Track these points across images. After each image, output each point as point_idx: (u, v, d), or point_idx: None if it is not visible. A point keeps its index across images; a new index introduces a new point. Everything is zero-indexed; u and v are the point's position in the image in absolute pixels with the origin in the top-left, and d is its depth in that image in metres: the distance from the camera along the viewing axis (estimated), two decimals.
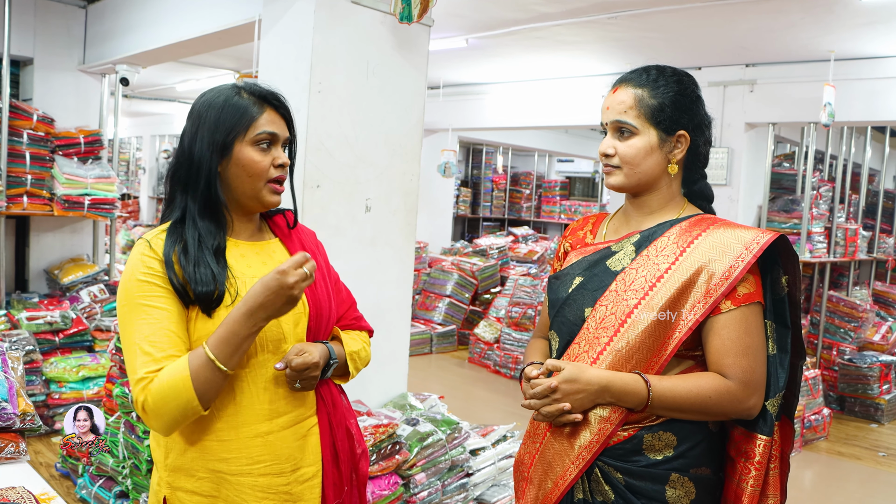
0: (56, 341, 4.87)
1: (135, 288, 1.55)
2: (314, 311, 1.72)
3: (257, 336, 1.57)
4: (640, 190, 1.69)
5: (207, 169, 1.61)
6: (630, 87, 1.65)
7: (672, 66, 1.70)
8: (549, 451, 1.66)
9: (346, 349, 1.80)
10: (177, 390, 1.47)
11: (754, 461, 1.55)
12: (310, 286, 1.70)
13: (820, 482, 5.03)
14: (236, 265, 1.65)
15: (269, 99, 1.68)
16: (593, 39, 5.76)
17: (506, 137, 11.30)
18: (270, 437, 1.63)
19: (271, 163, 1.65)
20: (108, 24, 5.45)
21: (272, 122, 1.66)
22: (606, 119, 1.68)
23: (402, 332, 3.71)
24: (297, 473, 1.68)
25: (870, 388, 6.30)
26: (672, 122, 1.63)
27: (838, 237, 6.87)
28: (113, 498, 3.52)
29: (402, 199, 3.59)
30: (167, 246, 1.59)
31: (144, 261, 1.56)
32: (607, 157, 1.68)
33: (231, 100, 1.64)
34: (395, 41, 3.46)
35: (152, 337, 1.52)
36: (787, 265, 1.61)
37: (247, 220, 1.73)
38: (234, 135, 1.61)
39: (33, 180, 5.05)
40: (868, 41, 5.17)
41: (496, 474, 3.55)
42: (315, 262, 1.77)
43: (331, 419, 1.75)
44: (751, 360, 1.54)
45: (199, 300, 1.56)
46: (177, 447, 1.63)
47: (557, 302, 1.73)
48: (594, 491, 1.60)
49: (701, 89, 1.72)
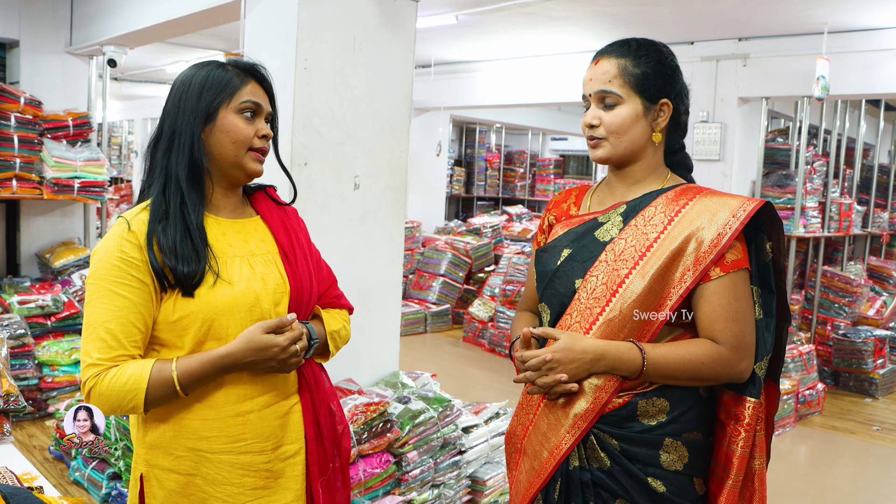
0: (48, 325, 4.85)
1: (106, 270, 1.54)
2: (295, 291, 1.71)
3: (240, 316, 1.60)
4: (625, 161, 1.69)
5: (190, 133, 1.60)
6: (612, 57, 1.67)
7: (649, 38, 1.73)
8: (543, 421, 1.67)
9: (327, 328, 1.79)
10: (128, 393, 1.50)
11: (744, 423, 1.58)
12: (290, 264, 1.72)
13: (814, 456, 5.06)
14: (217, 244, 1.64)
15: (253, 72, 1.69)
16: (584, 15, 5.71)
17: (499, 116, 11.26)
18: (251, 417, 1.63)
19: (255, 132, 1.66)
20: (95, 5, 5.39)
21: (255, 94, 1.67)
22: (589, 90, 1.69)
23: (392, 309, 3.70)
24: (279, 451, 1.67)
25: (864, 362, 6.32)
26: (656, 90, 1.65)
27: (832, 212, 6.86)
28: (106, 479, 3.53)
29: (391, 176, 3.57)
30: (149, 226, 1.57)
31: (121, 244, 1.55)
32: (592, 129, 1.69)
33: (215, 71, 1.65)
34: (382, 17, 3.43)
35: (110, 324, 1.52)
36: (771, 232, 1.64)
37: (229, 193, 1.72)
38: (218, 101, 1.62)
39: (22, 164, 5.01)
40: (862, 13, 5.13)
41: (489, 452, 3.55)
42: (297, 239, 1.77)
43: (313, 398, 1.75)
44: (741, 325, 1.57)
45: (179, 282, 1.55)
46: (155, 425, 1.62)
47: (547, 275, 1.73)
48: (590, 458, 1.61)
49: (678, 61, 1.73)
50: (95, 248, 1.59)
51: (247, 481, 1.63)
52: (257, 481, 1.64)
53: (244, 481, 1.62)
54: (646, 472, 1.57)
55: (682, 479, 1.59)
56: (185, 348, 1.58)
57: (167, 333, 1.58)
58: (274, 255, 1.72)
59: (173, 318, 1.56)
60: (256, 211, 1.79)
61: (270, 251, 1.72)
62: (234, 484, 1.61)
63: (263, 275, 1.66)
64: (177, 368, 1.52)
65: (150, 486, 1.62)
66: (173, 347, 1.59)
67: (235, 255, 1.65)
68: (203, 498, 1.61)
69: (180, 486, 1.61)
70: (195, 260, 1.55)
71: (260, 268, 1.67)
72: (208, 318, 1.57)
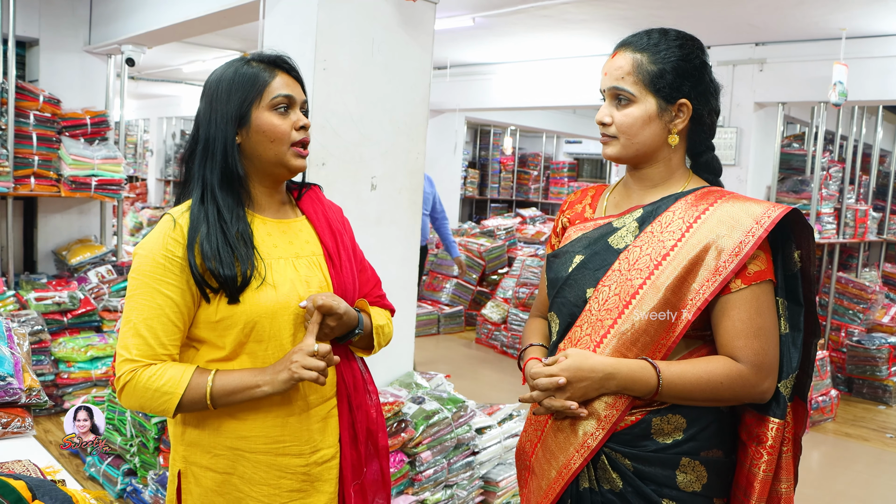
0: (64, 321, 4.89)
1: (150, 267, 1.53)
2: (338, 293, 1.68)
3: (282, 320, 1.58)
4: (638, 161, 1.60)
5: (223, 140, 1.57)
6: (629, 51, 1.56)
7: (677, 29, 1.61)
8: (551, 439, 1.59)
9: (374, 322, 1.77)
10: (163, 395, 1.50)
11: (766, 445, 1.48)
12: (335, 266, 1.69)
13: (827, 463, 5.03)
14: (262, 245, 1.61)
15: (279, 63, 1.65)
16: (601, 18, 5.71)
17: (513, 118, 11.25)
18: (291, 420, 1.62)
19: (292, 126, 1.62)
20: (114, 5, 5.44)
21: (286, 86, 1.63)
22: (604, 85, 1.60)
23: (408, 310, 3.71)
24: (317, 455, 1.66)
25: (878, 369, 6.29)
26: (673, 89, 1.53)
27: (848, 218, 6.83)
28: (121, 476, 3.55)
29: (408, 177, 3.58)
30: (191, 226, 1.55)
31: (167, 243, 1.53)
32: (604, 126, 1.59)
33: (240, 70, 1.61)
34: (401, 18, 3.44)
35: (152, 322, 1.51)
36: (800, 240, 1.52)
37: (272, 192, 1.69)
38: (248, 102, 1.58)
39: (40, 161, 5.06)
40: (880, 18, 5.10)
41: (502, 453, 3.56)
42: (342, 241, 1.75)
43: (350, 401, 1.72)
44: (763, 342, 1.46)
45: (223, 286, 1.53)
46: (195, 423, 1.61)
47: (557, 282, 1.65)
48: (601, 479, 1.52)
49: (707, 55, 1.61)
50: (141, 243, 1.57)
51: (283, 483, 1.61)
52: (294, 483, 1.63)
53: (281, 483, 1.61)
54: (661, 494, 1.48)
55: (700, 500, 1.50)
56: (227, 348, 1.57)
57: (208, 332, 1.57)
58: (319, 256, 1.69)
59: (215, 319, 1.55)
60: (301, 211, 1.77)
61: (315, 253, 1.69)
62: (270, 485, 1.60)
63: (307, 277, 1.64)
64: (214, 384, 1.51)
65: (188, 483, 1.62)
66: (213, 346, 1.58)
67: (280, 256, 1.63)
68: (239, 497, 1.60)
69: (217, 485, 1.60)
70: (237, 265, 1.53)
71: (304, 269, 1.65)
72: (251, 321, 1.55)
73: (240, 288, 1.53)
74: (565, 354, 1.51)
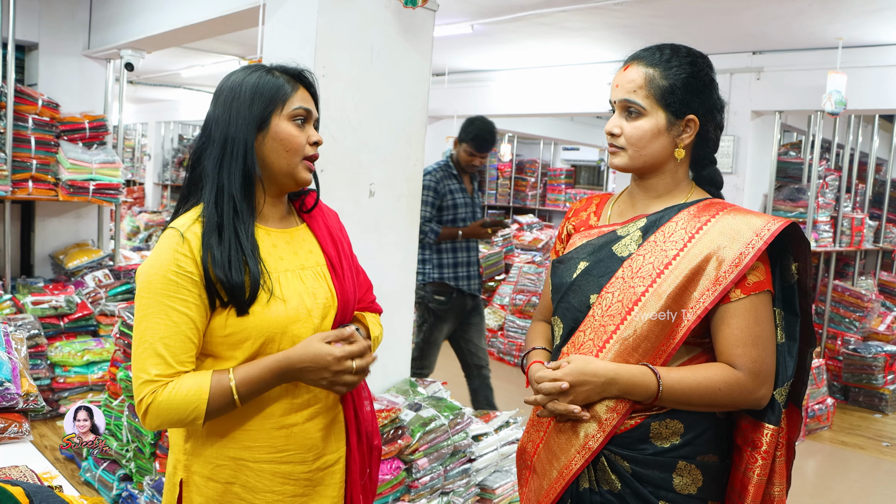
0: (61, 326, 4.88)
1: (161, 284, 1.50)
2: (342, 305, 1.69)
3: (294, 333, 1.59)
4: (644, 172, 1.65)
5: (244, 141, 1.57)
6: (642, 65, 1.60)
7: (687, 45, 1.64)
8: (553, 440, 1.63)
9: (371, 334, 1.78)
10: (189, 405, 1.48)
11: (761, 450, 1.53)
12: (338, 276, 1.70)
13: (823, 472, 5.04)
14: (269, 258, 1.61)
15: (301, 77, 1.66)
16: (599, 26, 5.72)
17: (511, 125, 11.26)
18: (295, 429, 1.62)
19: (307, 140, 1.64)
20: (113, 9, 5.44)
21: (305, 100, 1.65)
22: (615, 97, 1.63)
23: (405, 316, 3.71)
24: (321, 461, 1.67)
25: (874, 378, 6.30)
26: (682, 105, 1.58)
27: (844, 227, 6.85)
28: (117, 481, 3.54)
29: (406, 184, 3.58)
30: (203, 238, 1.53)
31: (177, 258, 1.51)
32: (613, 137, 1.63)
33: (264, 77, 1.62)
34: (400, 26, 3.45)
35: (168, 340, 1.50)
36: (797, 252, 1.58)
37: (277, 202, 1.70)
38: (271, 108, 1.59)
39: (38, 165, 5.06)
40: (877, 28, 5.12)
41: (498, 460, 3.55)
42: (343, 249, 1.76)
43: (355, 405, 1.73)
44: (760, 351, 1.51)
45: (232, 299, 1.53)
46: (197, 433, 1.61)
47: (561, 287, 1.69)
48: (600, 480, 1.57)
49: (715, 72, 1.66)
50: (146, 261, 1.54)
51: (286, 489, 1.62)
52: (297, 489, 1.63)
53: (284, 489, 1.62)
54: (658, 496, 1.53)
55: (695, 503, 1.55)
56: (238, 360, 1.56)
57: (218, 346, 1.56)
58: (322, 267, 1.70)
59: (225, 333, 1.54)
60: (301, 218, 1.77)
61: (319, 263, 1.70)
62: (273, 491, 1.60)
63: (314, 289, 1.65)
64: (234, 378, 1.50)
65: (189, 493, 1.62)
66: (224, 359, 1.57)
67: (287, 268, 1.63)
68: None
69: (218, 495, 1.59)
70: (248, 275, 1.53)
71: (310, 281, 1.65)
72: (262, 335, 1.55)
73: (248, 301, 1.53)
74: (568, 360, 1.56)
